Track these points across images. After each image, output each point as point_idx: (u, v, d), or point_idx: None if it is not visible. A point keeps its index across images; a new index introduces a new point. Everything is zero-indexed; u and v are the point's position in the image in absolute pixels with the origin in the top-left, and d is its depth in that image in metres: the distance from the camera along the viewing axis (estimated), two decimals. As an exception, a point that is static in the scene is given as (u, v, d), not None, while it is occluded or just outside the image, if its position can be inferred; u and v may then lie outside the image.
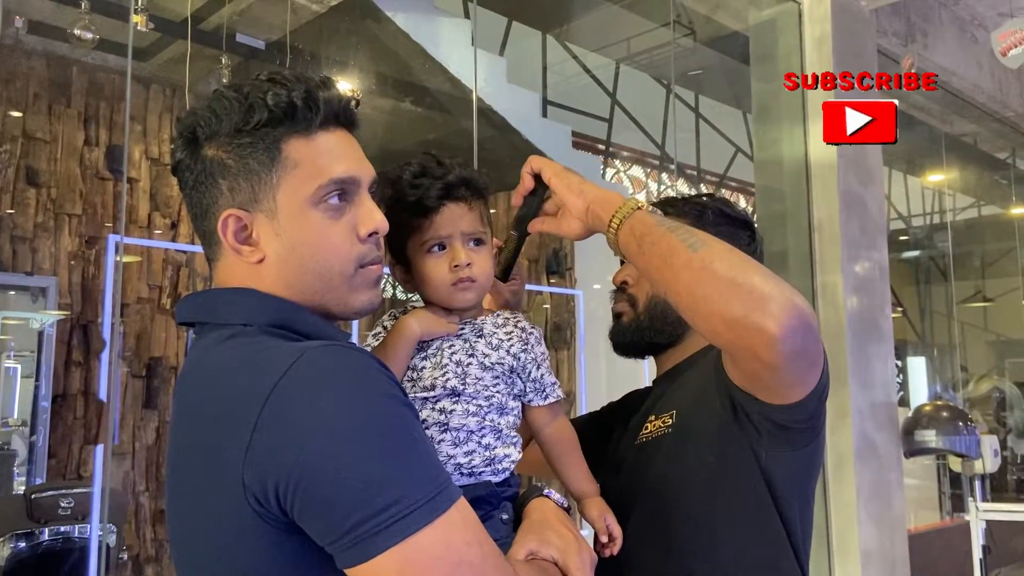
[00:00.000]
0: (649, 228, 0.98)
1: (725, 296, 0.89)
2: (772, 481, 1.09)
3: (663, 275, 0.95)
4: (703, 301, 0.91)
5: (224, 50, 4.05)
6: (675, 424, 1.17)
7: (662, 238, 0.95)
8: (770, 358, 0.89)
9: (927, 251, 8.74)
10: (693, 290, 0.91)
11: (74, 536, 3.46)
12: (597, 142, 6.20)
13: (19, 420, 4.52)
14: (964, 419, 3.91)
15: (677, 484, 1.14)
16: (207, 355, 0.87)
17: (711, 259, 0.91)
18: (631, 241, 0.99)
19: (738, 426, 1.07)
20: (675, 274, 0.93)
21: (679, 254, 0.93)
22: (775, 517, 1.10)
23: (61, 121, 4.44)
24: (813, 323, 0.90)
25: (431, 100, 4.81)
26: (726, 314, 0.88)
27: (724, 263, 0.91)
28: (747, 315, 0.87)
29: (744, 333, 0.88)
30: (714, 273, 0.90)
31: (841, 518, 3.26)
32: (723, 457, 1.10)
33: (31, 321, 4.42)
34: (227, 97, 0.88)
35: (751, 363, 0.95)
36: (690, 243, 0.93)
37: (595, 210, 1.03)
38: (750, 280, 0.88)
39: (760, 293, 0.87)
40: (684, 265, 0.92)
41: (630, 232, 0.99)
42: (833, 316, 3.35)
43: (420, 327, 1.02)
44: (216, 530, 0.80)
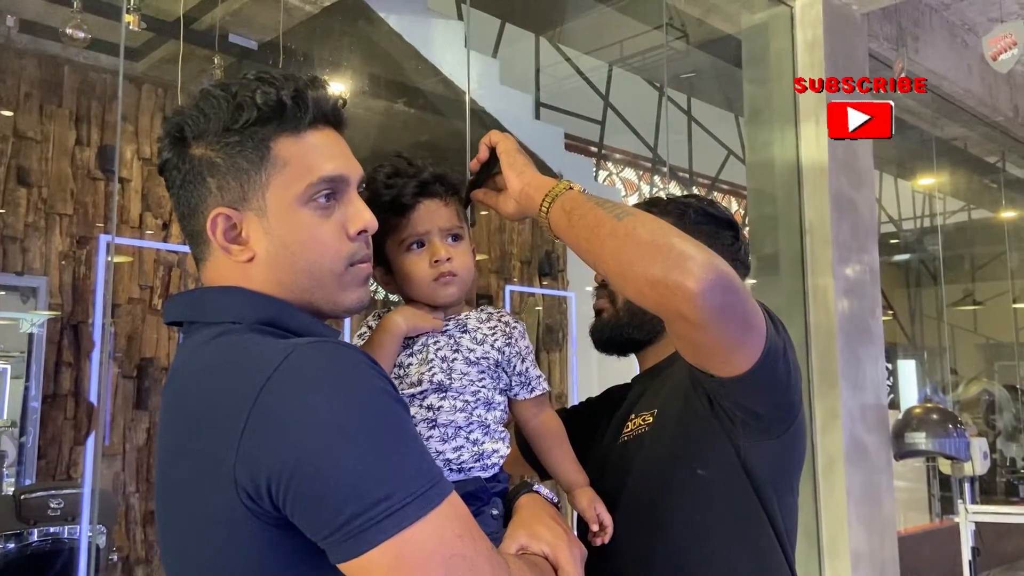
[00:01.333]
0: (578, 203, 1.00)
1: (647, 258, 0.91)
2: (752, 472, 1.11)
3: (591, 245, 0.97)
4: (627, 265, 0.93)
5: (217, 50, 4.04)
6: (655, 422, 1.18)
7: (590, 211, 0.98)
8: (694, 315, 0.91)
9: (917, 254, 8.78)
10: (618, 256, 0.94)
11: (63, 537, 3.44)
12: (590, 144, 6.22)
13: (8, 421, 4.49)
14: (954, 421, 3.92)
15: (660, 480, 1.15)
16: (196, 354, 0.87)
17: (634, 225, 0.94)
18: (561, 217, 1.01)
19: (716, 419, 1.09)
20: (601, 243, 0.96)
21: (604, 224, 0.96)
22: (758, 508, 1.12)
23: (52, 120, 4.42)
24: (735, 281, 0.92)
25: (424, 101, 4.81)
26: (648, 275, 0.91)
27: (646, 228, 0.94)
28: (667, 274, 0.89)
29: (666, 292, 0.90)
30: (637, 238, 0.93)
31: (831, 520, 3.27)
32: (703, 452, 1.11)
33: (21, 322, 4.40)
34: (215, 96, 0.88)
35: (682, 326, 0.96)
36: (615, 213, 0.96)
37: (528, 192, 1.06)
38: (669, 242, 0.92)
39: (679, 253, 0.90)
40: (609, 234, 0.95)
41: (560, 209, 1.01)
42: (824, 318, 3.36)
43: (406, 323, 1.03)
44: (208, 528, 0.80)
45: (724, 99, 6.05)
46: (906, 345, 9.02)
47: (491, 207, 1.15)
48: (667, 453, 1.15)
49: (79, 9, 3.61)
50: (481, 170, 1.14)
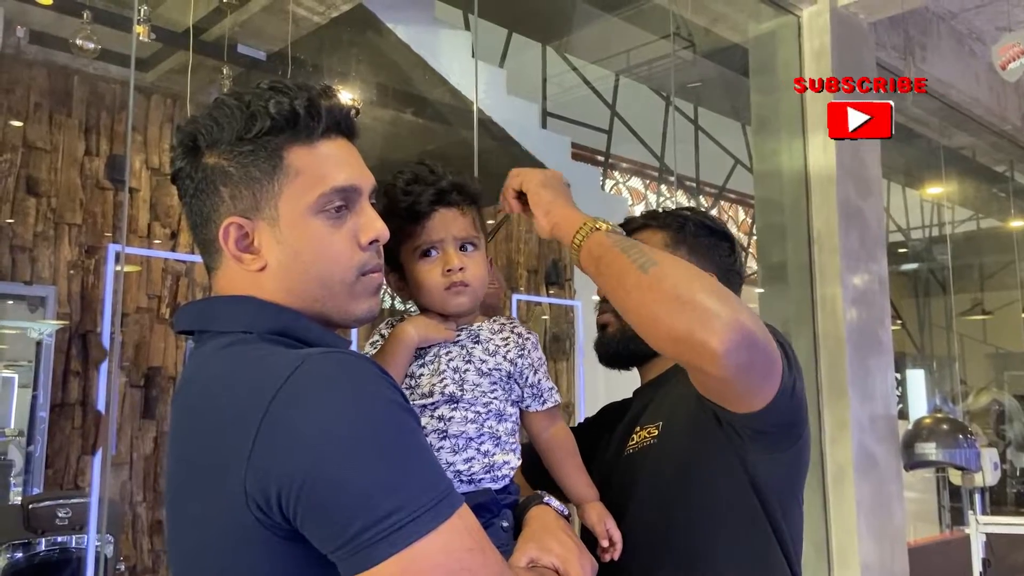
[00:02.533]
0: (604, 249, 1.00)
1: (671, 314, 0.90)
2: (758, 485, 1.11)
3: (617, 295, 0.98)
4: (651, 319, 0.93)
5: (225, 61, 4.06)
6: (661, 435, 1.18)
7: (615, 259, 0.98)
8: (717, 372, 0.90)
9: (926, 264, 8.74)
10: (641, 310, 0.94)
11: (71, 546, 3.44)
12: (596, 153, 6.22)
13: (16, 430, 4.50)
14: (964, 432, 3.90)
15: (667, 493, 1.15)
16: (207, 363, 0.86)
17: (659, 278, 0.93)
18: (590, 263, 1.02)
19: (723, 433, 1.09)
20: (627, 294, 0.95)
21: (630, 275, 0.95)
22: (764, 520, 1.12)
23: (62, 131, 4.44)
24: (759, 338, 0.91)
25: (431, 111, 4.82)
26: (672, 331, 0.91)
27: (670, 281, 0.92)
28: (691, 332, 0.89)
29: (688, 350, 0.90)
30: (662, 292, 0.92)
31: (841, 531, 3.25)
32: (710, 465, 1.12)
33: (29, 331, 4.41)
34: (228, 105, 0.88)
35: (702, 377, 0.97)
36: (640, 263, 0.95)
37: (558, 234, 1.07)
38: (694, 298, 0.90)
39: (704, 310, 0.89)
40: (634, 285, 0.94)
41: (588, 254, 1.02)
42: (832, 328, 3.34)
43: (418, 333, 1.03)
44: (217, 539, 0.79)
45: (731, 108, 6.05)
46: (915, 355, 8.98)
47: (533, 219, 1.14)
48: (674, 466, 1.15)
49: (89, 20, 3.63)
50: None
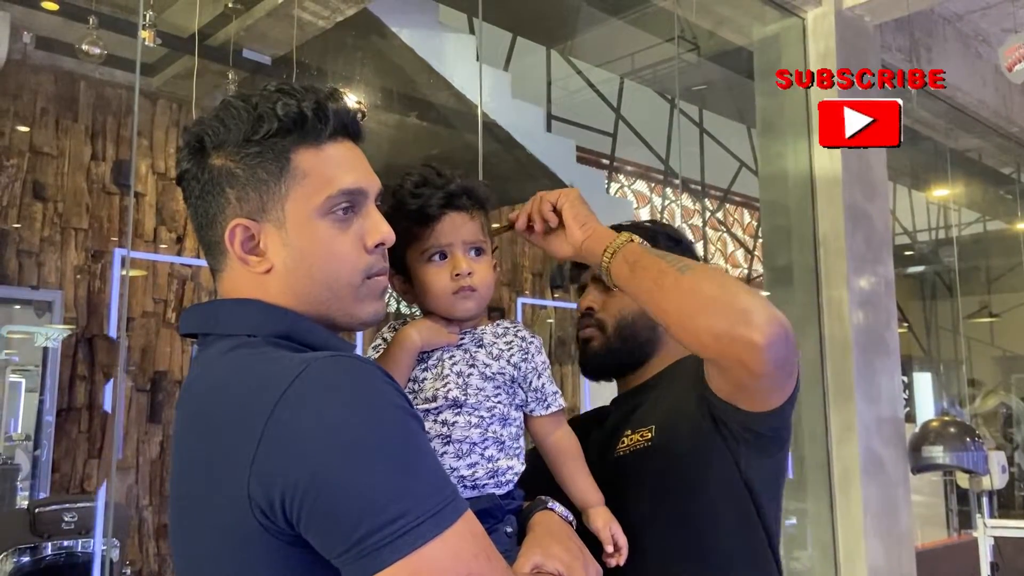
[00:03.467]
0: (640, 255, 1.06)
1: (713, 312, 0.97)
2: (752, 487, 1.16)
3: (653, 296, 1.02)
4: (690, 317, 0.98)
5: (231, 65, 4.07)
6: (655, 438, 1.21)
7: (652, 263, 1.04)
8: (757, 367, 0.97)
9: (932, 266, 8.72)
10: (682, 308, 0.99)
11: (77, 551, 3.45)
12: (601, 156, 6.22)
13: (23, 434, 4.51)
14: (971, 435, 3.88)
15: (665, 495, 1.18)
16: (211, 366, 0.86)
17: (698, 279, 1.00)
18: (623, 267, 1.06)
19: (720, 437, 1.14)
20: (665, 294, 1.00)
21: (668, 275, 1.01)
22: (757, 521, 1.17)
23: (68, 136, 4.46)
24: (792, 335, 0.98)
25: (436, 115, 4.83)
26: (714, 328, 0.96)
27: (710, 282, 0.99)
28: (733, 327, 0.95)
29: (732, 345, 0.95)
30: (702, 291, 0.98)
31: (848, 534, 3.24)
32: (708, 467, 1.16)
33: (36, 335, 4.42)
34: (235, 107, 0.88)
35: (739, 372, 1.01)
36: (679, 266, 1.01)
37: (590, 245, 1.10)
38: (735, 296, 0.97)
39: (744, 307, 0.95)
40: (673, 285, 1.00)
41: (623, 259, 1.06)
42: (839, 331, 3.34)
43: (421, 337, 1.02)
44: (221, 543, 0.79)
45: (736, 111, 6.05)
46: (922, 358, 8.95)
47: (538, 245, 1.17)
48: (672, 468, 1.18)
49: (95, 26, 3.65)
50: None
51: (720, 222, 7.20)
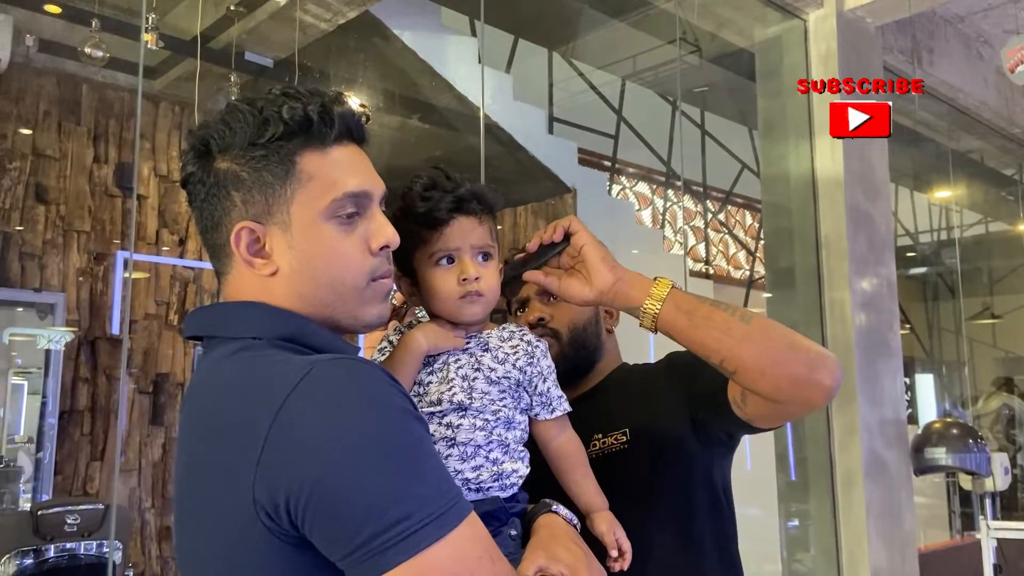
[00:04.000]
0: (695, 304, 1.09)
1: (792, 360, 1.04)
2: (724, 483, 1.29)
3: (723, 345, 1.06)
4: (773, 366, 1.04)
5: (233, 68, 4.07)
6: (632, 440, 1.26)
7: (713, 313, 1.08)
8: (820, 404, 1.07)
9: (935, 267, 8.71)
10: (759, 357, 1.05)
11: (80, 553, 3.45)
12: (603, 159, 6.21)
13: (25, 437, 4.51)
14: (974, 436, 3.87)
15: (648, 494, 1.23)
16: (216, 369, 0.86)
17: (764, 329, 1.07)
18: (679, 316, 1.08)
19: (696, 439, 1.24)
20: (738, 343, 1.05)
21: (736, 327, 1.06)
22: (729, 515, 1.30)
23: (71, 138, 4.46)
24: None
25: (438, 117, 4.83)
26: (794, 374, 1.04)
27: (777, 332, 1.07)
28: (811, 373, 1.04)
29: (807, 387, 1.04)
30: (774, 340, 1.06)
31: (850, 536, 3.23)
32: (687, 467, 1.25)
33: (39, 338, 4.43)
34: (241, 110, 0.88)
35: (798, 408, 1.10)
36: (739, 316, 1.08)
37: (623, 288, 1.10)
38: (804, 345, 1.06)
39: (816, 354, 1.05)
40: (745, 336, 1.05)
41: (675, 308, 1.08)
42: (841, 332, 3.33)
43: (427, 341, 1.02)
44: (226, 546, 0.79)
45: (738, 112, 6.04)
46: (924, 359, 8.94)
47: (551, 291, 1.16)
48: (653, 468, 1.24)
49: (97, 29, 3.65)
50: (544, 250, 1.14)
51: (722, 224, 7.19)
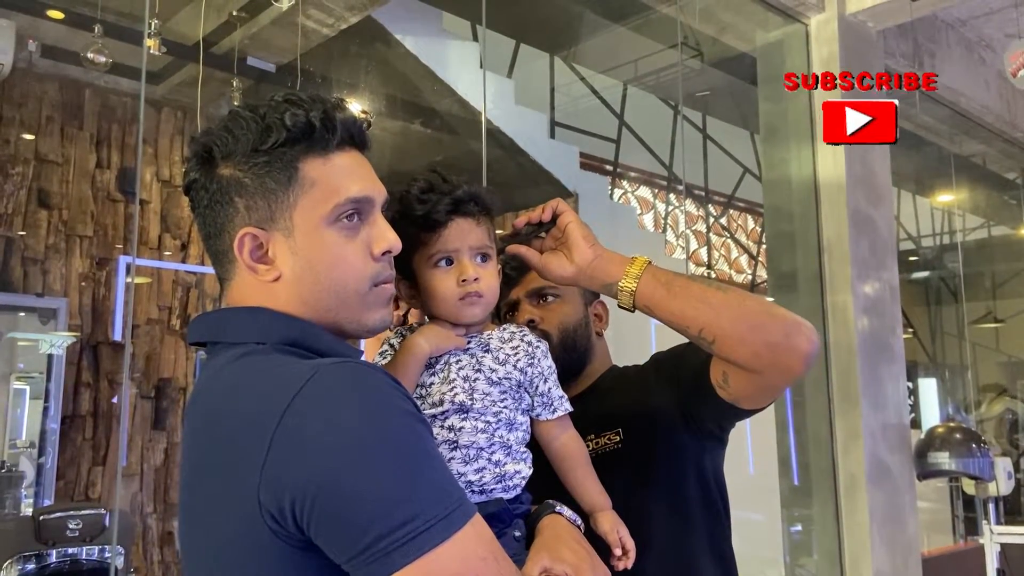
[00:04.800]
0: (671, 276, 1.11)
1: (769, 325, 1.06)
2: (717, 477, 1.31)
3: (701, 313, 1.08)
4: (747, 331, 1.06)
5: (235, 73, 4.09)
6: (626, 440, 1.28)
7: (689, 284, 1.10)
8: (799, 370, 1.08)
9: (937, 272, 8.70)
10: (737, 323, 1.07)
11: (82, 558, 3.44)
12: (605, 163, 6.22)
13: (27, 441, 4.51)
14: (977, 441, 3.87)
15: (643, 491, 1.25)
16: (220, 374, 0.87)
17: (741, 296, 1.09)
18: (656, 288, 1.10)
19: (688, 434, 1.26)
20: (716, 311, 1.07)
21: (713, 295, 1.08)
22: (722, 507, 1.31)
23: (73, 144, 4.47)
24: None
25: (440, 122, 4.84)
26: (768, 339, 1.06)
27: (753, 300, 1.10)
28: (788, 338, 1.05)
29: (785, 353, 1.06)
30: (750, 308, 1.08)
31: (854, 541, 3.22)
32: (681, 464, 1.27)
33: (41, 343, 4.43)
34: (243, 117, 0.88)
35: (777, 378, 1.11)
36: (716, 286, 1.10)
37: (601, 263, 1.13)
38: (780, 311, 1.08)
39: (792, 320, 1.07)
40: (722, 304, 1.07)
41: (654, 280, 1.10)
42: (844, 337, 3.33)
43: (429, 344, 1.02)
44: (232, 550, 0.79)
45: (739, 117, 6.05)
46: (927, 363, 8.93)
47: (531, 265, 1.17)
48: (647, 467, 1.26)
49: (100, 34, 3.66)
50: (528, 229, 1.16)
51: (724, 228, 7.19)
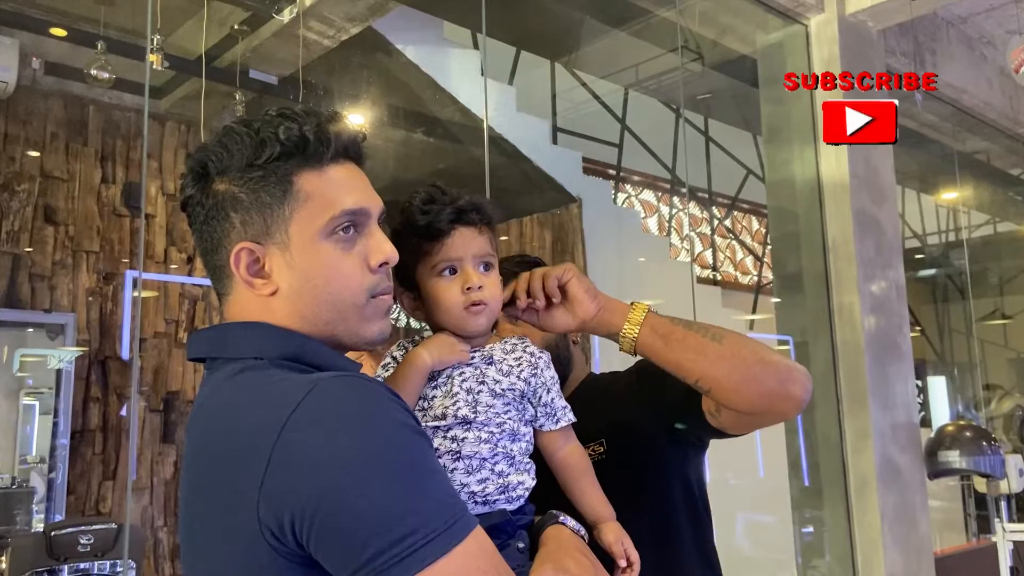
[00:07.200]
0: (670, 328, 1.14)
1: (763, 375, 1.10)
2: (699, 482, 1.34)
3: (697, 365, 1.11)
4: (743, 382, 1.10)
5: (238, 86, 4.10)
6: (608, 450, 1.30)
7: (687, 336, 1.13)
8: (793, 415, 1.17)
9: (943, 269, 8.67)
10: (734, 374, 1.10)
11: (94, 573, 3.45)
12: (608, 167, 6.22)
13: (37, 457, 4.52)
14: (988, 438, 3.85)
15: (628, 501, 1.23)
16: (219, 390, 0.87)
17: (735, 347, 1.11)
18: (655, 340, 1.13)
19: (670, 444, 1.29)
20: (712, 363, 1.10)
21: (709, 347, 1.11)
22: (704, 511, 1.34)
23: (78, 159, 4.49)
24: None
25: (442, 130, 4.85)
26: (764, 389, 1.10)
27: (748, 349, 1.11)
28: (782, 386, 1.09)
29: (779, 400, 1.10)
30: (744, 357, 1.10)
31: (865, 542, 3.21)
32: (666, 474, 1.30)
33: (49, 358, 4.45)
34: (237, 132, 0.89)
35: (771, 419, 1.16)
36: (711, 335, 1.12)
37: (605, 316, 1.15)
38: (774, 358, 1.11)
39: (786, 367, 1.10)
40: (718, 355, 1.10)
41: (652, 332, 1.13)
42: (851, 337, 3.32)
43: (431, 357, 1.02)
44: (232, 565, 0.79)
45: (741, 119, 6.04)
46: (936, 361, 8.88)
47: (531, 322, 1.17)
48: (632, 477, 1.28)
49: (103, 50, 3.69)
50: None
51: (728, 230, 7.18)
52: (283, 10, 3.69)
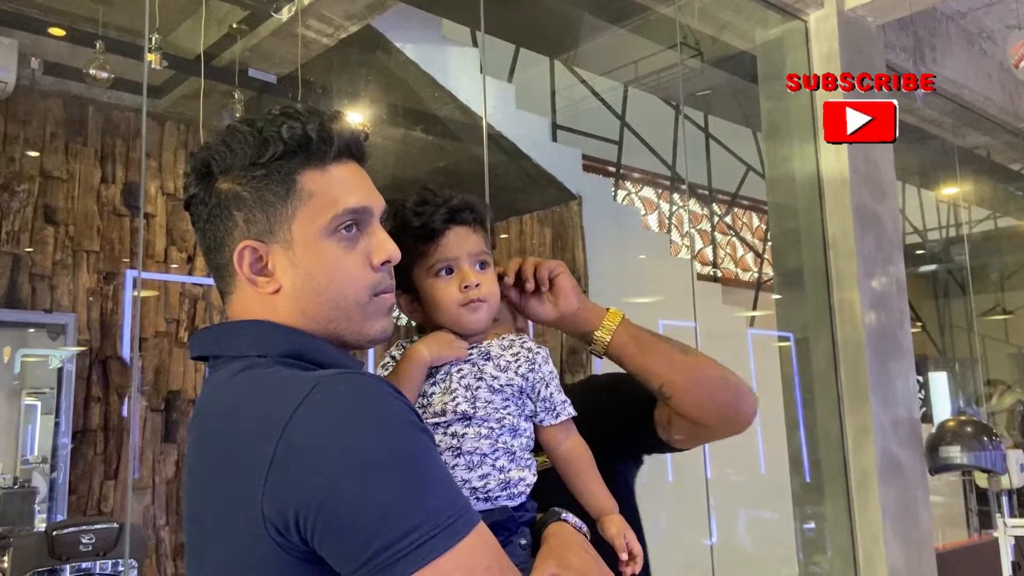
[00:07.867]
0: (641, 332, 1.22)
1: (721, 389, 1.20)
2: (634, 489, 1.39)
3: (663, 370, 1.19)
4: (705, 394, 1.19)
5: (237, 85, 4.10)
6: None
7: (656, 343, 1.21)
8: (740, 431, 1.22)
9: (944, 265, 8.67)
10: (690, 384, 1.18)
11: (96, 572, 3.45)
12: (608, 164, 6.21)
13: (39, 457, 4.53)
14: (989, 434, 3.85)
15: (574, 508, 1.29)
16: (222, 388, 0.87)
17: (701, 364, 1.21)
18: (628, 343, 1.20)
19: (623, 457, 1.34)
20: (677, 371, 1.19)
21: (676, 357, 1.21)
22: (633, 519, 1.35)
23: (78, 159, 4.49)
24: None
25: (441, 128, 4.84)
26: (720, 402, 1.20)
27: (711, 368, 1.21)
28: (736, 401, 1.20)
29: (731, 416, 1.21)
30: (705, 371, 1.21)
31: (867, 537, 3.21)
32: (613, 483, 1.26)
33: (50, 358, 4.45)
34: (241, 131, 0.89)
35: (722, 434, 1.24)
36: (680, 349, 1.22)
37: (584, 314, 1.21)
38: (733, 379, 1.21)
39: (741, 387, 1.21)
40: (683, 365, 1.20)
41: (627, 335, 1.20)
42: (852, 333, 3.32)
43: (430, 353, 1.03)
44: (237, 563, 0.80)
45: (741, 115, 6.04)
46: (937, 357, 8.88)
47: (515, 304, 1.21)
48: None
49: (102, 50, 3.69)
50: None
51: (729, 226, 7.18)
52: (282, 9, 3.69)
